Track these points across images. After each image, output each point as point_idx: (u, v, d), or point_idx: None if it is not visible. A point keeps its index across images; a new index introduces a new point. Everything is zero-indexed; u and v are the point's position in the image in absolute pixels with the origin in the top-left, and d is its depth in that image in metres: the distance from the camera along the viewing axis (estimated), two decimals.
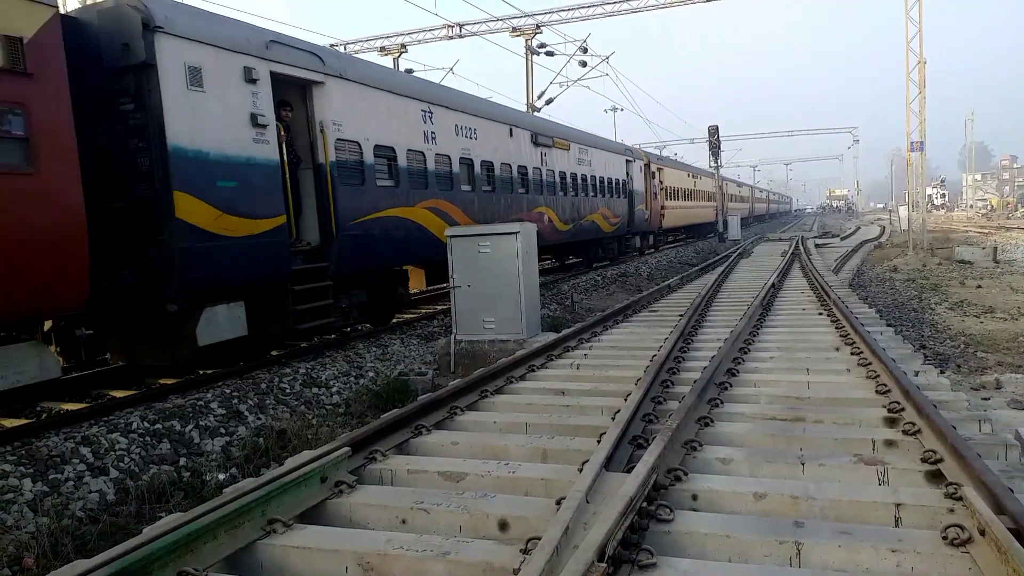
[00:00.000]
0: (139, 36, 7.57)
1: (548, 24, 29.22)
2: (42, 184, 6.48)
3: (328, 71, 10.26)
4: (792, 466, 3.79)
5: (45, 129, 6.52)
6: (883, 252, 26.76)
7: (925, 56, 23.88)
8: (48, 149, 6.55)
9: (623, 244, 26.59)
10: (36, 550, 4.31)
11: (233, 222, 8.39)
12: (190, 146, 7.91)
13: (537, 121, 20.16)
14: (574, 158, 20.99)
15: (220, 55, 8.40)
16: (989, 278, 17.40)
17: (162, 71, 7.64)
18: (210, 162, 8.16)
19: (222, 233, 8.24)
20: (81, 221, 6.77)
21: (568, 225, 20.15)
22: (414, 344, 10.84)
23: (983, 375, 7.65)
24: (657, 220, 31.59)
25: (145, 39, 7.57)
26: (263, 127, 8.89)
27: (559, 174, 19.62)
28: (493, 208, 15.36)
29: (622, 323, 9.60)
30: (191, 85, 7.99)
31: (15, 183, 6.31)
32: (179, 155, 7.76)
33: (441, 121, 13.36)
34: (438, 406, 5.11)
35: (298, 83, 9.87)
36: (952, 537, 2.78)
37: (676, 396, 5.15)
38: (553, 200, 19.04)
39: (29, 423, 7.03)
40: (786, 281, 13.79)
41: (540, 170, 18.30)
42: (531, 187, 17.61)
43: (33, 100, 6.43)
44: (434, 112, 13.14)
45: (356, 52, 29.78)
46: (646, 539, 2.92)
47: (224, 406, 7.31)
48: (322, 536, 3.20)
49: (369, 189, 11.06)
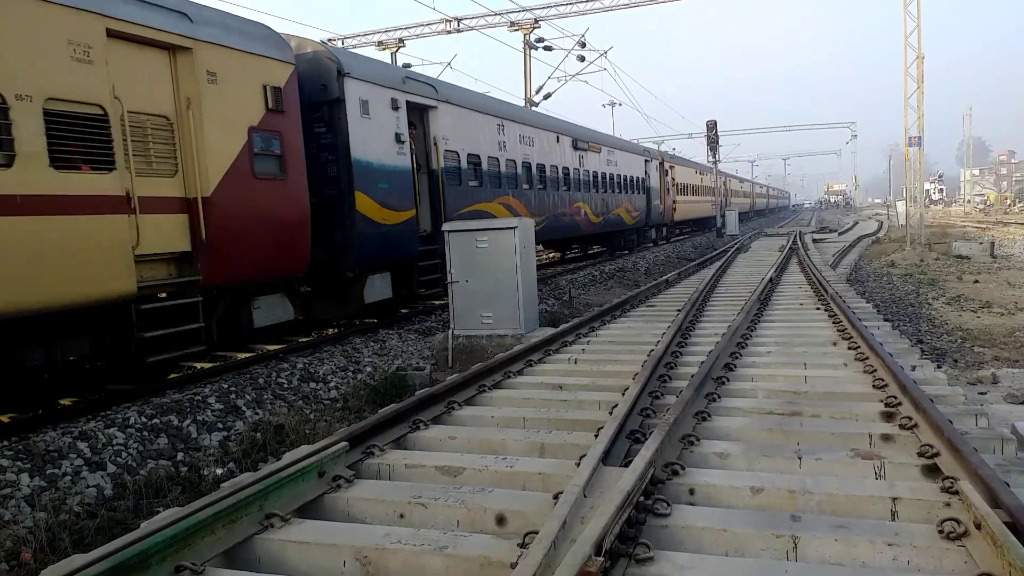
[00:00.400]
0: (334, 80, 10.47)
1: (546, 19, 29.18)
2: (288, 187, 9.19)
3: (439, 98, 13.29)
4: (789, 460, 3.80)
5: (290, 149, 9.19)
6: (881, 247, 26.79)
7: (923, 51, 23.88)
8: (291, 162, 9.22)
9: (641, 235, 29.80)
10: (34, 545, 4.32)
11: (387, 214, 11.35)
12: (363, 158, 10.82)
13: (576, 128, 22.81)
14: (604, 159, 24.08)
15: (378, 90, 11.36)
16: (986, 273, 17.43)
17: (347, 104, 10.57)
18: (374, 169, 11.08)
19: (381, 222, 11.20)
20: (307, 212, 9.51)
21: (599, 218, 23.12)
22: (412, 339, 10.84)
23: (980, 370, 7.67)
24: (670, 214, 34.37)
25: (338, 82, 10.47)
26: (402, 143, 11.84)
27: (593, 174, 22.66)
28: (544, 203, 18.36)
29: (620, 318, 9.60)
30: (363, 114, 10.90)
31: (276, 186, 9.00)
32: (357, 165, 10.68)
33: (509, 132, 16.48)
34: (436, 401, 5.11)
35: (420, 107, 12.80)
36: (948, 531, 2.78)
37: (673, 391, 5.15)
38: (588, 196, 22.04)
39: (27, 417, 7.03)
40: (784, 276, 13.80)
41: (579, 171, 21.40)
42: (572, 185, 20.66)
43: (284, 129, 9.11)
44: (505, 125, 16.29)
45: (354, 47, 29.71)
46: (643, 533, 2.92)
47: (222, 401, 7.31)
48: (320, 530, 3.20)
49: (464, 188, 14.07)
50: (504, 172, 15.95)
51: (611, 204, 24.45)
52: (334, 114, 10.50)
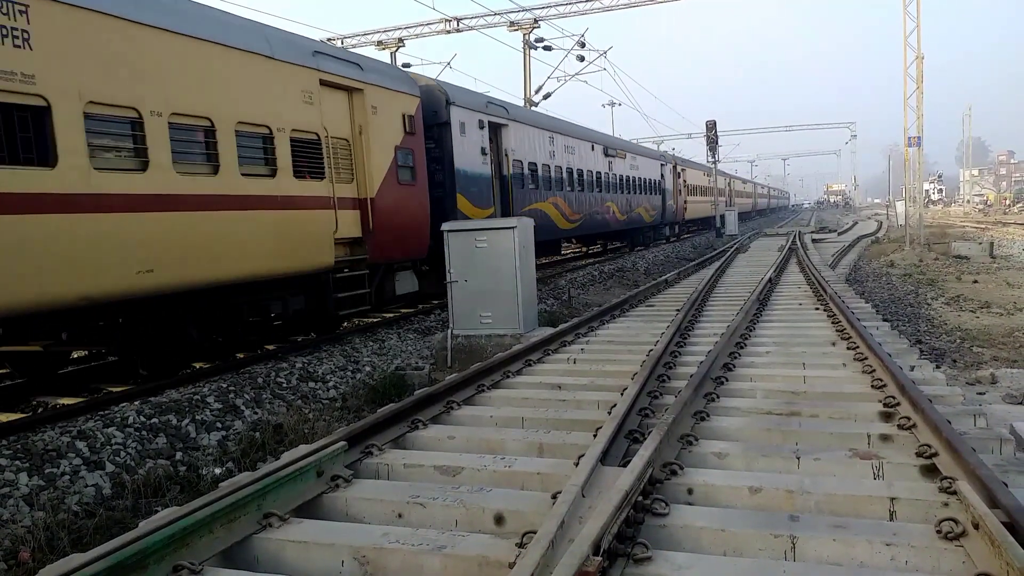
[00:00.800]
0: (443, 107, 13.57)
1: (546, 19, 29.16)
2: (417, 190, 12.29)
3: (509, 117, 16.74)
4: (787, 460, 3.80)
5: (418, 161, 12.30)
6: (880, 247, 26.79)
7: (923, 51, 23.87)
8: (419, 172, 12.32)
9: (657, 232, 33.47)
10: (32, 544, 4.31)
11: (476, 211, 14.52)
12: (461, 167, 14.02)
13: (607, 137, 26.98)
14: (628, 164, 27.39)
15: (470, 114, 14.54)
16: (985, 273, 17.43)
17: (452, 126, 13.73)
18: (468, 176, 14.29)
19: (472, 216, 14.12)
20: (428, 209, 12.55)
21: (624, 216, 26.50)
22: (411, 339, 10.84)
23: (979, 370, 7.67)
24: (681, 213, 37.83)
25: (446, 109, 13.58)
26: (485, 155, 15.08)
27: (619, 177, 25.96)
28: (582, 203, 21.67)
29: (619, 318, 9.60)
30: (461, 133, 14.04)
31: (410, 190, 12.06)
32: (458, 173, 13.90)
33: (557, 143, 19.91)
34: (434, 400, 5.12)
35: (496, 125, 16.02)
36: (946, 531, 2.79)
37: (672, 391, 5.16)
38: (616, 197, 25.44)
39: (25, 417, 7.02)
40: (783, 276, 13.81)
41: (609, 175, 24.79)
42: (603, 188, 24.07)
43: (415, 147, 12.21)
44: (554, 138, 19.74)
45: (353, 47, 29.67)
46: (641, 533, 2.93)
47: (220, 400, 7.31)
48: (318, 530, 3.20)
49: (526, 191, 17.55)
50: (553, 177, 19.36)
51: (633, 204, 27.77)
52: (442, 134, 13.66)
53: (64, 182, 6.55)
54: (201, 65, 8.02)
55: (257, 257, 8.66)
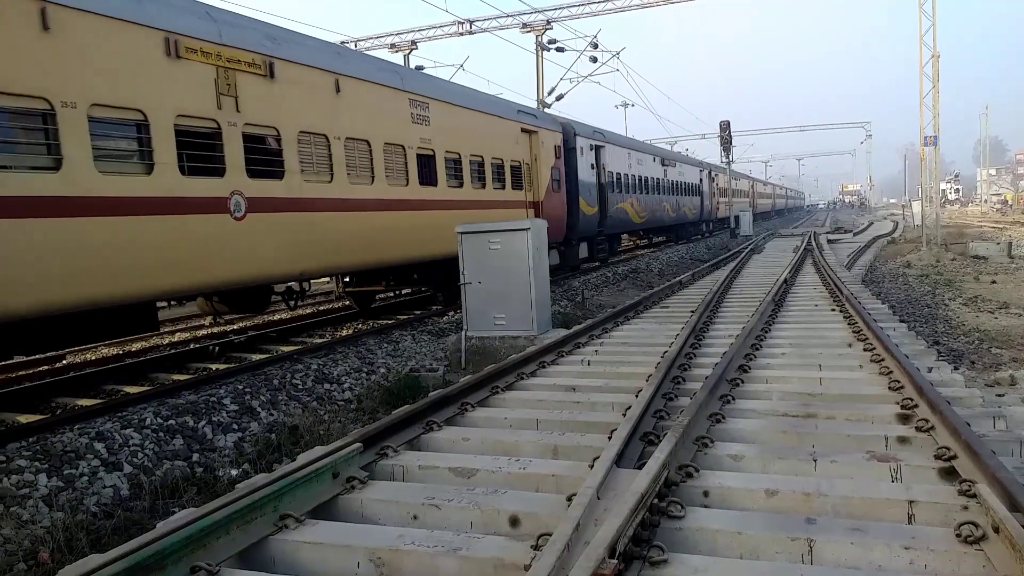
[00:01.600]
0: (572, 137, 19.89)
1: (558, 20, 29.14)
2: (561, 195, 18.77)
3: (605, 140, 22.99)
4: (804, 463, 3.78)
5: (562, 176, 18.77)
6: (896, 248, 26.57)
7: (939, 50, 23.67)
8: (562, 183, 18.75)
9: (696, 227, 40.41)
10: (51, 545, 4.36)
11: (589, 210, 20.70)
12: (581, 179, 20.19)
13: (663, 151, 34.67)
14: (677, 172, 34.11)
15: (586, 140, 20.97)
16: (1004, 273, 17.24)
17: (577, 151, 19.96)
18: (584, 184, 20.43)
19: (587, 213, 20.47)
20: (566, 207, 19.01)
21: (675, 214, 33.35)
22: (425, 340, 10.86)
23: (998, 371, 7.59)
24: (715, 211, 44.97)
25: (574, 139, 19.89)
26: (592, 169, 21.46)
27: (671, 182, 32.60)
28: (646, 204, 27.98)
29: (633, 319, 9.57)
30: (581, 155, 20.28)
31: (558, 195, 18.54)
32: (580, 182, 20.06)
33: (633, 158, 26.52)
34: (449, 402, 5.12)
35: (597, 147, 22.10)
36: (966, 535, 2.76)
37: (687, 392, 5.13)
38: (669, 199, 32.15)
39: (44, 419, 7.10)
40: (798, 277, 13.72)
41: (664, 180, 31.24)
42: (660, 191, 30.61)
43: (560, 167, 18.70)
44: (631, 153, 26.46)
45: (367, 49, 29.79)
46: (657, 536, 2.92)
47: (237, 402, 7.36)
48: (334, 532, 3.21)
49: (615, 194, 23.54)
50: (630, 183, 25.72)
51: (681, 204, 34.63)
52: (570, 156, 19.67)
53: (420, 193, 12.40)
54: (479, 125, 14.60)
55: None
